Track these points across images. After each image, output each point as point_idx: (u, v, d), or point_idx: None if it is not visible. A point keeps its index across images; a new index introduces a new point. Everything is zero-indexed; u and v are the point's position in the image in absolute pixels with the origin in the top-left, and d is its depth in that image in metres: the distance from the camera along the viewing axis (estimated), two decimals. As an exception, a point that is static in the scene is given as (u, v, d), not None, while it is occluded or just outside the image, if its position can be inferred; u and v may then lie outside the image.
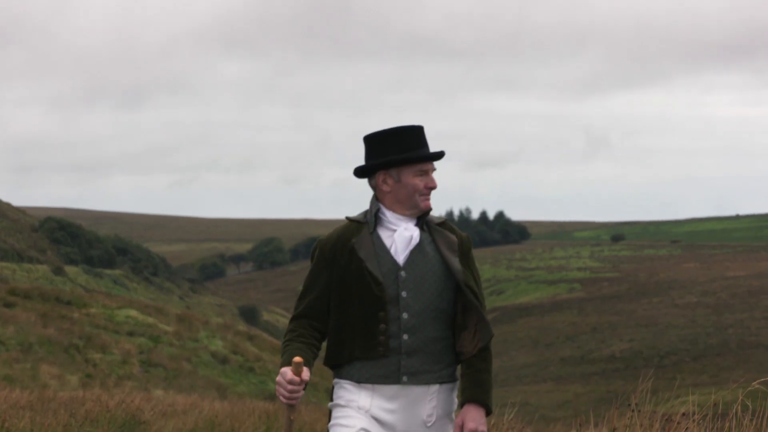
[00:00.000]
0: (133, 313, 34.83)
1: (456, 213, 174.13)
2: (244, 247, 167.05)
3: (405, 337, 4.52)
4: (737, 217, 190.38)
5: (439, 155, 4.71)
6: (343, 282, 4.56)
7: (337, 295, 4.58)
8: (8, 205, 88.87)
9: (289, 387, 4.39)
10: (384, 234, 4.61)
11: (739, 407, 6.03)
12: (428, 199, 4.61)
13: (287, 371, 4.37)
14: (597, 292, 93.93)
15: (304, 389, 4.44)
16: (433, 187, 4.66)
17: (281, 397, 4.45)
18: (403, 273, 4.54)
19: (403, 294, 4.53)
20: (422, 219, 4.64)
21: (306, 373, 4.37)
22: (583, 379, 57.42)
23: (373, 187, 4.70)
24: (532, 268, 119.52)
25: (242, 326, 52.19)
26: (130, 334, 31.66)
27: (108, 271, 78.47)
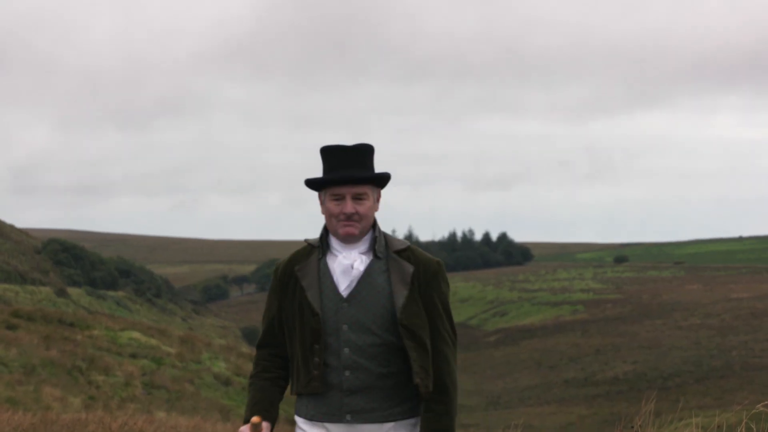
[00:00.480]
0: (136, 335, 34.81)
1: (459, 234, 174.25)
2: (247, 269, 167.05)
3: (347, 373, 4.25)
4: (741, 239, 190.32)
5: (355, 179, 4.28)
6: (286, 311, 4.34)
7: (286, 324, 4.36)
8: (11, 226, 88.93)
9: None
10: (331, 261, 4.32)
11: (743, 429, 6.02)
12: (349, 226, 4.26)
13: (245, 430, 4.18)
14: (600, 313, 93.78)
15: None
16: (348, 213, 4.26)
17: None
18: (345, 305, 4.24)
19: (344, 327, 4.24)
20: (372, 244, 4.33)
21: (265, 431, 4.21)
22: (586, 401, 57.24)
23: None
24: (535, 289, 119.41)
25: (245, 348, 52.12)
26: (133, 356, 31.62)
27: (111, 293, 78.45)
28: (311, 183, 4.34)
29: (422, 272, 4.29)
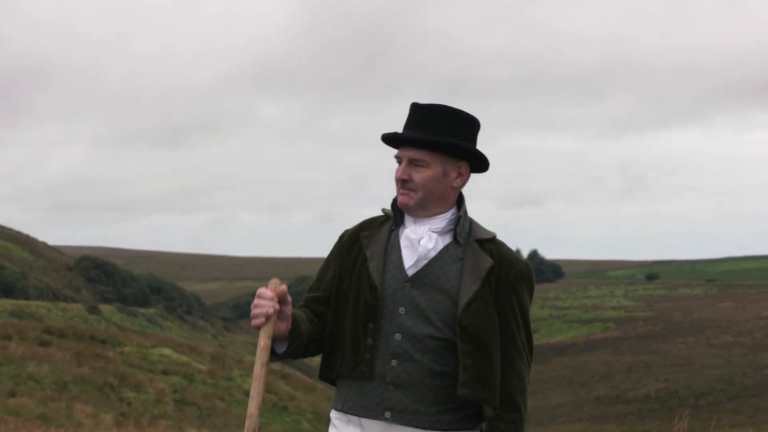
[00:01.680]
0: (167, 351, 34.89)
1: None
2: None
3: (393, 363, 3.61)
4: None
5: (420, 140, 3.66)
6: (342, 280, 3.74)
7: (336, 296, 3.76)
8: (44, 244, 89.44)
9: (255, 301, 3.54)
10: (404, 234, 3.72)
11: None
12: (403, 194, 3.68)
13: (264, 291, 3.52)
14: (632, 331, 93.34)
15: (276, 303, 3.52)
16: (403, 180, 3.69)
17: (251, 317, 3.56)
18: (407, 285, 3.63)
19: (401, 310, 3.62)
20: (454, 226, 3.71)
21: (282, 288, 3.53)
22: (618, 419, 56.92)
23: None
24: (566, 307, 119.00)
25: (275, 365, 52.22)
26: (164, 372, 31.70)
27: (142, 310, 78.70)
28: (382, 138, 3.79)
29: (504, 270, 3.67)
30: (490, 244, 3.71)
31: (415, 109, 3.73)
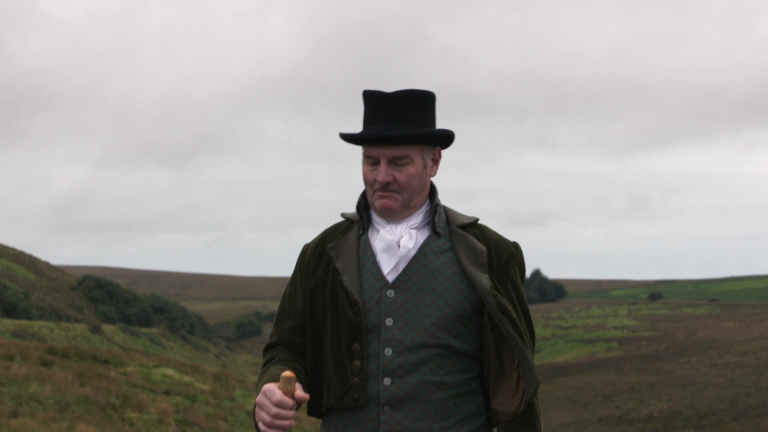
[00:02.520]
0: (170, 371, 34.87)
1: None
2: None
3: (386, 382, 3.19)
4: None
5: (393, 137, 3.21)
6: (314, 301, 3.30)
7: (311, 320, 3.30)
8: (47, 264, 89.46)
9: (274, 411, 3.01)
10: (374, 237, 3.31)
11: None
12: (386, 197, 3.25)
13: (274, 389, 3.02)
14: (635, 351, 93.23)
15: (296, 412, 3.06)
16: (383, 182, 3.25)
17: (260, 425, 3.04)
18: (390, 292, 3.21)
19: (388, 322, 3.19)
20: (431, 217, 3.32)
21: (300, 391, 3.04)
22: (621, 440, 56.78)
23: None
24: (569, 326, 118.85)
25: (278, 385, 52.11)
26: (167, 392, 31.67)
27: (145, 330, 78.64)
28: (342, 136, 3.29)
29: (495, 255, 3.30)
30: (474, 228, 3.34)
31: (378, 98, 3.26)
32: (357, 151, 3.36)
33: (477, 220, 3.37)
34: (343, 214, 3.41)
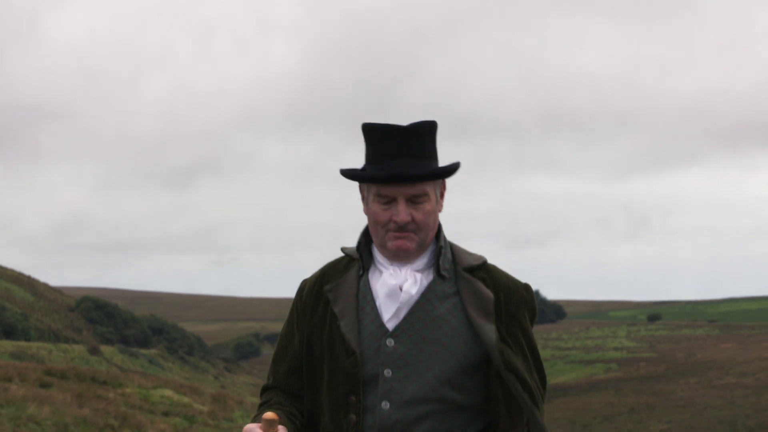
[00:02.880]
0: (168, 393, 34.84)
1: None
2: (280, 327, 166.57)
3: None
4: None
5: (414, 176, 2.95)
6: (312, 346, 3.06)
7: (307, 364, 3.07)
8: (45, 285, 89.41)
9: None
10: (375, 279, 3.04)
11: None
12: (402, 238, 2.97)
13: (254, 429, 2.81)
14: (634, 372, 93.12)
15: None
16: (402, 223, 2.96)
17: None
18: (390, 341, 2.94)
19: (386, 373, 2.92)
20: (436, 260, 3.03)
21: None
22: (620, 461, 56.70)
23: None
24: (569, 347, 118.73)
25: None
26: (165, 414, 31.64)
27: (143, 351, 78.55)
28: (350, 176, 3.02)
29: (503, 301, 3.03)
30: (481, 271, 3.06)
31: (389, 133, 2.99)
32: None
33: (485, 261, 3.09)
34: (343, 249, 3.14)
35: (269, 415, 2.79)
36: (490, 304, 2.97)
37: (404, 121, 3.03)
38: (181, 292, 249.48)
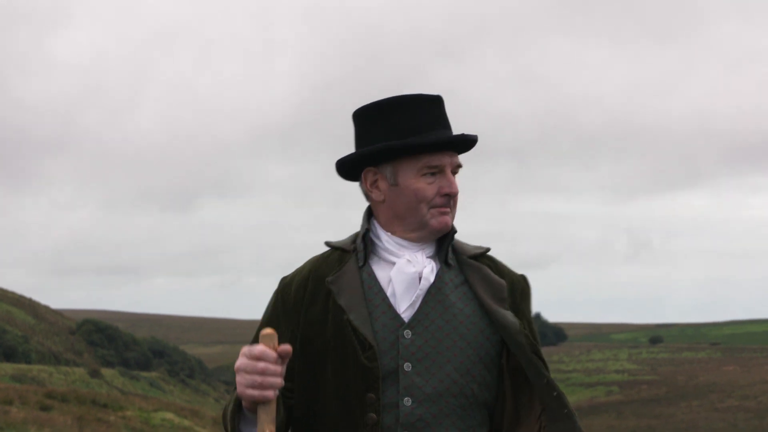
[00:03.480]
0: (169, 415, 34.77)
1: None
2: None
3: None
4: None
5: (469, 140, 2.85)
6: (311, 344, 2.75)
7: (304, 366, 2.76)
8: (46, 307, 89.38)
9: (261, 366, 2.52)
10: (380, 269, 2.81)
11: None
12: (446, 214, 2.81)
13: (254, 346, 2.58)
14: (635, 395, 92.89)
15: (283, 368, 2.57)
16: (452, 194, 2.82)
17: (247, 390, 2.55)
18: (407, 333, 2.71)
19: (406, 367, 2.69)
20: (445, 246, 2.85)
21: (285, 346, 2.53)
22: (622, 484, 56.56)
23: (364, 193, 2.91)
24: (570, 370, 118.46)
25: (278, 429, 51.84)
26: (166, 436, 31.58)
27: (144, 374, 78.41)
28: (398, 150, 2.78)
29: (510, 290, 2.88)
30: (485, 259, 2.91)
31: (429, 102, 2.86)
32: (360, 197, 3.00)
33: (489, 249, 2.94)
34: (330, 243, 2.91)
35: (268, 331, 2.55)
36: (503, 290, 2.82)
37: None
38: (182, 314, 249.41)
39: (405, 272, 2.75)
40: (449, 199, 2.81)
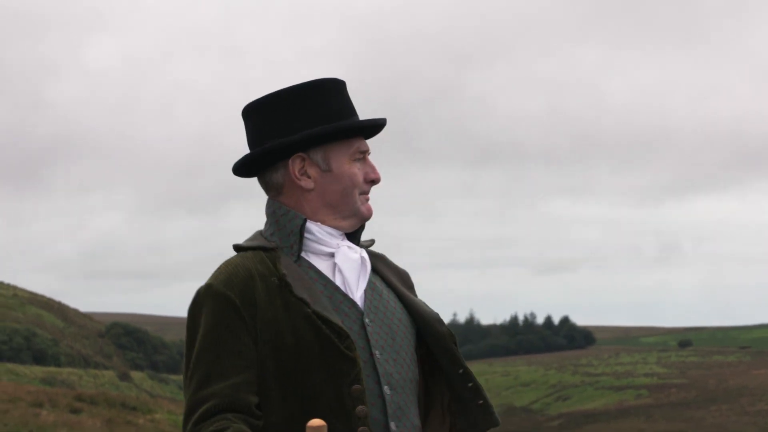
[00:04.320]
0: (198, 418, 34.86)
1: (521, 318, 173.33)
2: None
3: (393, 427, 2.55)
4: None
5: (382, 125, 2.77)
6: (277, 346, 2.51)
7: (274, 370, 2.52)
8: (75, 311, 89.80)
9: None
10: (317, 261, 2.65)
11: None
12: (369, 201, 2.72)
13: None
14: (665, 398, 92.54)
15: None
16: (377, 180, 2.72)
17: None
18: (367, 320, 2.60)
19: (378, 355, 2.57)
20: (358, 235, 2.74)
21: None
22: (651, 488, 56.36)
23: (277, 185, 2.69)
24: (598, 373, 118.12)
25: None
26: (195, 440, 31.65)
27: (173, 377, 78.70)
28: (336, 131, 2.66)
29: (410, 279, 2.84)
30: (374, 251, 2.81)
31: (342, 87, 2.77)
32: (389, 198, 2.99)
33: (374, 242, 2.82)
34: (239, 246, 2.71)
35: (317, 422, 2.31)
36: (409, 278, 2.79)
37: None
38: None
39: (351, 258, 2.64)
40: (372, 185, 2.72)
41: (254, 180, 2.78)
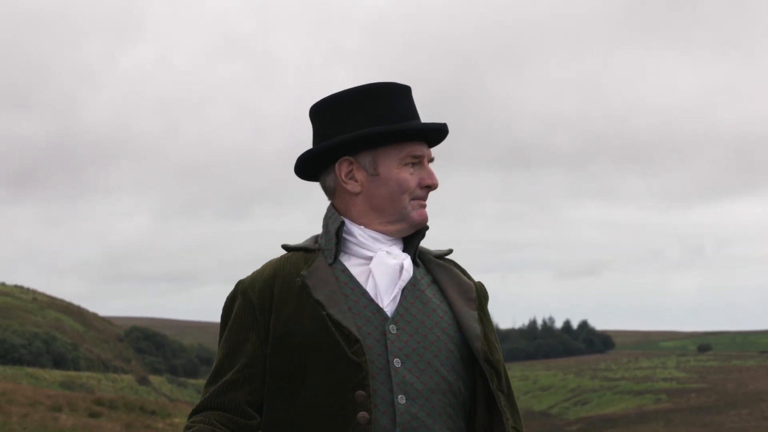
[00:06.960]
0: (217, 422, 34.91)
1: (539, 322, 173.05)
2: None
3: None
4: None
5: (445, 132, 2.73)
6: (285, 345, 2.54)
7: (278, 370, 2.55)
8: (95, 315, 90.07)
9: None
10: (354, 265, 2.64)
11: None
12: (425, 207, 2.68)
13: None
14: (684, 403, 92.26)
15: None
16: (434, 186, 2.68)
17: None
18: (392, 327, 2.56)
19: (396, 363, 2.52)
20: (413, 244, 2.70)
21: None
22: (671, 493, 56.18)
23: (330, 188, 2.72)
24: (618, 378, 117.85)
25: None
26: (214, 444, 31.70)
27: (192, 381, 78.83)
28: (385, 136, 2.63)
29: (482, 293, 2.77)
30: (448, 261, 2.79)
31: (404, 91, 2.72)
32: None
33: (451, 251, 2.82)
34: (287, 246, 2.74)
35: None
36: (472, 290, 2.70)
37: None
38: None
39: (387, 264, 2.60)
40: (428, 191, 2.67)
41: (280, 185, 2.77)
